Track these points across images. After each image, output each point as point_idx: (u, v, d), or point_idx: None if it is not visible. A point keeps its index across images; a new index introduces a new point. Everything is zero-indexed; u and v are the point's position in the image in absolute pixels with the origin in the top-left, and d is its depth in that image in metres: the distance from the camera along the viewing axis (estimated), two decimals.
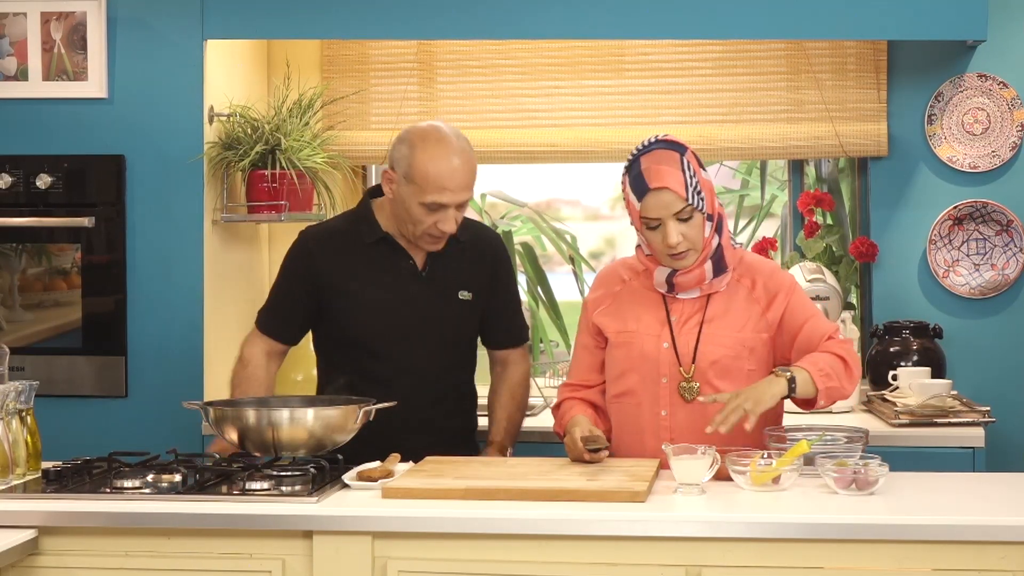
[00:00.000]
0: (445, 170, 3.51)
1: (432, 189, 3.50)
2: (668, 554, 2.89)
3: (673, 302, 3.46)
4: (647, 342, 3.44)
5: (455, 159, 3.53)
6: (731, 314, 3.44)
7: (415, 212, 3.54)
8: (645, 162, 3.34)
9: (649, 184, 3.31)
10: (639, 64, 4.82)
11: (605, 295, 3.55)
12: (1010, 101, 4.61)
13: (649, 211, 3.33)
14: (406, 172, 3.54)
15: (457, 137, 3.58)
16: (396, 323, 3.62)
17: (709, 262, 3.40)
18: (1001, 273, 4.62)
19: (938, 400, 4.13)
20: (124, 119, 4.41)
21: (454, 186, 3.52)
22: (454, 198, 3.53)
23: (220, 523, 3.00)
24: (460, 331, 3.72)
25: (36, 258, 4.45)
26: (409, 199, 3.54)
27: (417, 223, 3.55)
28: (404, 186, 3.54)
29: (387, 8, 4.33)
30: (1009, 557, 2.82)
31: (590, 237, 6.56)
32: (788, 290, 3.46)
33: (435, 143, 3.54)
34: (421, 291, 3.65)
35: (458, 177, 3.52)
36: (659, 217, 3.32)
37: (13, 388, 3.26)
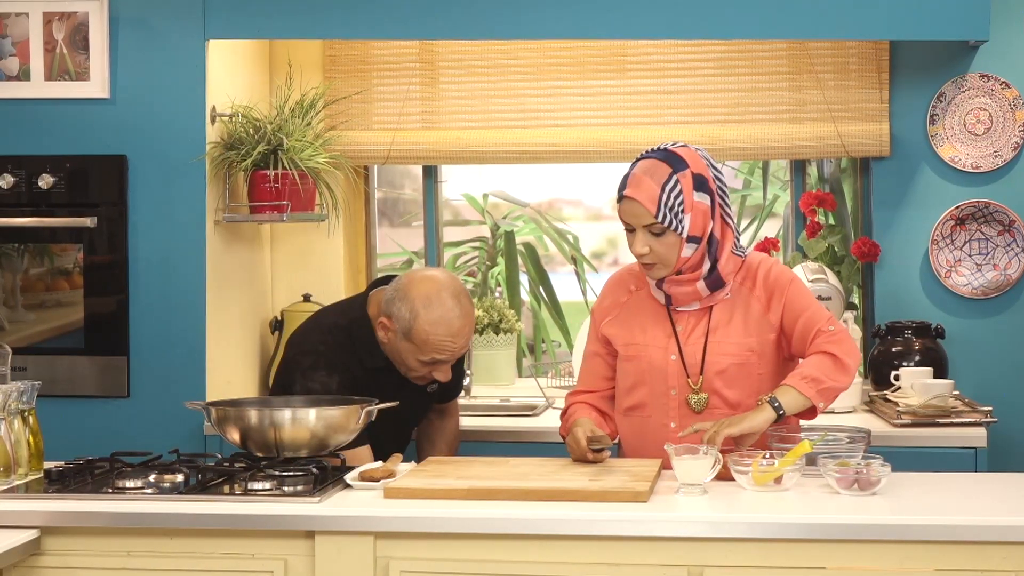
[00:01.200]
0: (446, 334, 3.55)
1: (432, 351, 3.56)
2: (670, 554, 2.89)
3: (677, 313, 3.46)
4: (655, 354, 3.44)
5: (456, 323, 3.55)
6: (735, 320, 3.43)
7: (411, 364, 3.60)
8: (637, 167, 3.35)
9: (625, 191, 3.33)
10: (641, 64, 4.82)
11: (612, 305, 3.55)
12: (1012, 101, 4.61)
13: (623, 215, 3.36)
14: (406, 331, 3.56)
15: (457, 296, 3.57)
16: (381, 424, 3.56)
17: (702, 282, 3.39)
18: (1003, 273, 4.62)
19: (940, 400, 4.13)
20: (126, 119, 4.41)
21: (454, 348, 3.58)
22: (453, 356, 3.60)
23: (222, 523, 3.00)
24: (420, 415, 3.88)
25: (38, 258, 4.45)
26: (406, 354, 3.59)
27: (411, 370, 3.62)
28: (402, 342, 3.58)
29: (389, 8, 4.33)
30: (1011, 557, 2.82)
31: (592, 237, 6.56)
32: (784, 286, 3.44)
33: (437, 307, 3.54)
34: (404, 394, 3.64)
35: (458, 340, 3.57)
36: (631, 223, 3.34)
37: (15, 388, 3.27)
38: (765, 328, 3.42)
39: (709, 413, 3.37)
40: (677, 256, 3.33)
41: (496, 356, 4.96)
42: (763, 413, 3.24)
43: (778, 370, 3.42)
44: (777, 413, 3.25)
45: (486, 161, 4.90)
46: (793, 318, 3.41)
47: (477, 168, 5.57)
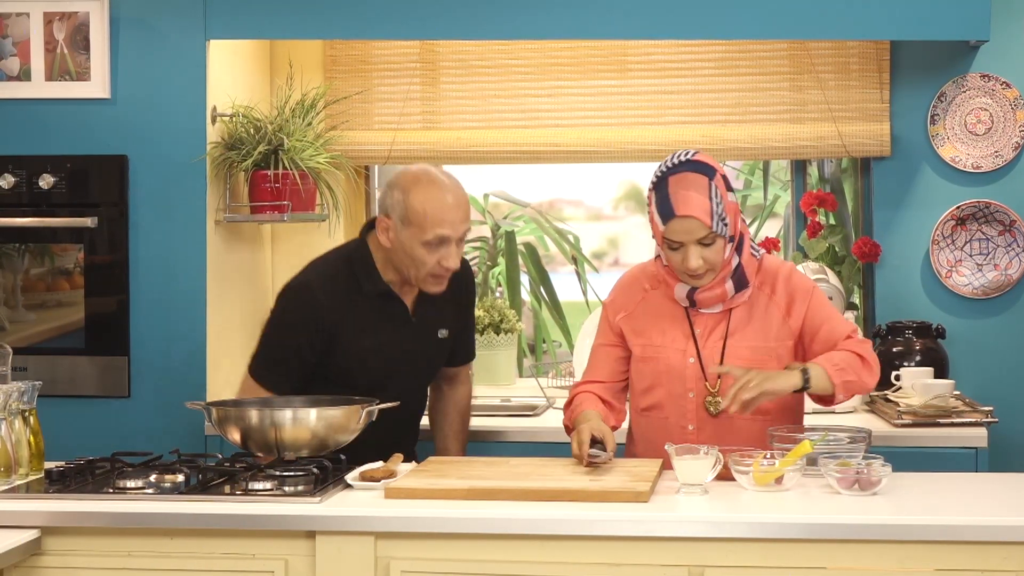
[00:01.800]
0: (442, 205, 3.54)
1: (432, 225, 3.53)
2: (671, 554, 2.89)
3: (696, 315, 3.46)
4: (673, 356, 3.44)
5: (449, 195, 3.56)
6: (754, 323, 3.44)
7: (418, 254, 3.55)
8: (673, 185, 3.32)
9: (676, 211, 3.30)
10: (642, 64, 4.82)
11: (627, 302, 3.55)
12: (1013, 101, 4.61)
13: (673, 235, 3.33)
14: (403, 215, 3.55)
15: (446, 175, 3.61)
16: (382, 365, 3.64)
17: (730, 281, 3.40)
18: (1004, 273, 4.62)
19: (941, 400, 4.13)
20: (127, 119, 4.41)
21: (453, 219, 3.54)
22: (455, 231, 3.55)
23: (223, 523, 3.00)
24: (434, 366, 3.82)
25: (39, 258, 4.46)
26: (410, 241, 3.55)
27: (421, 265, 3.57)
28: (403, 230, 3.56)
29: (390, 8, 4.33)
30: (1012, 557, 2.82)
31: (593, 237, 6.57)
32: (806, 293, 3.46)
33: (427, 183, 3.56)
34: (408, 334, 3.67)
35: (455, 210, 3.55)
36: (682, 241, 3.33)
37: (16, 388, 3.26)
38: (784, 333, 3.43)
39: (727, 416, 3.37)
40: (723, 259, 3.37)
41: (497, 356, 4.96)
42: (791, 378, 3.27)
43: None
44: (804, 383, 3.28)
45: (487, 161, 4.91)
46: (815, 326, 3.43)
47: (478, 168, 5.57)
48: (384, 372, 3.65)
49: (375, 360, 3.64)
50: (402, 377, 3.69)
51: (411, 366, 3.71)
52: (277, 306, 3.71)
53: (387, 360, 3.65)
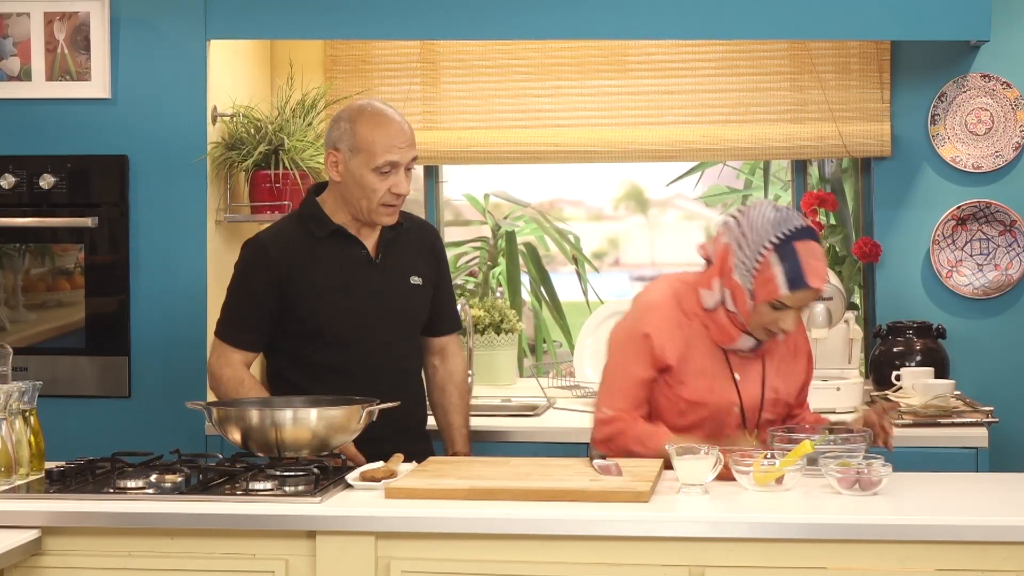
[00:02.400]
0: (390, 131, 3.60)
1: (381, 149, 3.58)
2: (671, 554, 2.89)
3: (732, 355, 3.47)
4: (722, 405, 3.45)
5: (395, 121, 3.63)
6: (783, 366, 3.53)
7: (369, 181, 3.59)
8: (803, 252, 3.31)
9: (809, 282, 3.31)
10: (643, 64, 4.82)
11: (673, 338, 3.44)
12: (1013, 101, 4.61)
13: (790, 301, 3.33)
14: (352, 144, 3.60)
15: (387, 104, 3.69)
16: (354, 308, 3.65)
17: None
18: (1004, 273, 4.62)
19: (941, 400, 4.13)
20: (127, 119, 4.41)
21: (402, 143, 3.60)
22: (404, 156, 3.61)
23: (223, 523, 3.00)
24: (414, 316, 3.78)
25: (39, 258, 4.46)
26: (360, 169, 3.60)
27: (372, 194, 3.60)
28: (353, 159, 3.60)
29: (391, 8, 4.33)
30: (1012, 557, 2.82)
31: (593, 237, 6.57)
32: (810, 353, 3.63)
33: (372, 112, 3.63)
34: (375, 277, 3.69)
35: (402, 134, 3.62)
36: (791, 306, 3.35)
37: (16, 388, 3.26)
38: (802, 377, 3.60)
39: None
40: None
41: (497, 356, 4.96)
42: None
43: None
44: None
45: (487, 161, 4.91)
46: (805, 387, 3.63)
47: (478, 168, 5.57)
48: (356, 316, 3.64)
49: (342, 302, 3.64)
50: (380, 322, 3.67)
51: (386, 310, 3.69)
52: (235, 270, 3.76)
53: (356, 303, 3.64)
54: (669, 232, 6.67)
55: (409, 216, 3.84)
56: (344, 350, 3.63)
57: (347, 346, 3.64)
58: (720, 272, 3.39)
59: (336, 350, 3.63)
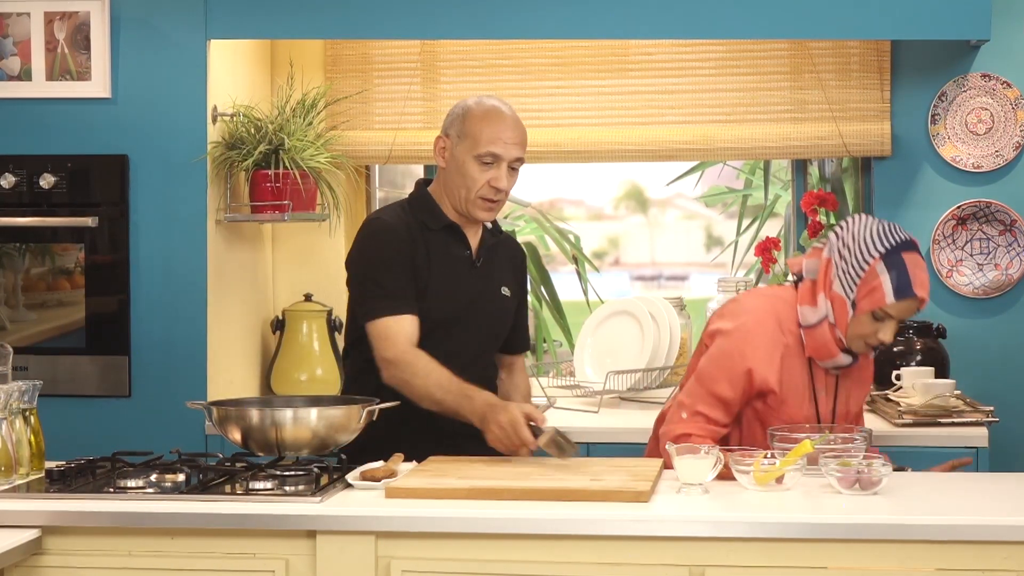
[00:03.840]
0: (499, 123, 3.60)
1: (487, 140, 3.58)
2: (671, 554, 2.89)
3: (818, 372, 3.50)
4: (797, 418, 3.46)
5: (508, 116, 3.64)
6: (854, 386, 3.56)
7: (470, 170, 3.59)
8: (911, 264, 3.34)
9: (916, 292, 3.34)
10: (642, 64, 4.82)
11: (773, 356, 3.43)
12: (1014, 101, 4.61)
13: (896, 311, 3.35)
14: (460, 130, 3.62)
15: (506, 103, 3.69)
16: (452, 311, 3.63)
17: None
18: (1004, 273, 4.62)
19: (941, 400, 4.13)
20: (127, 119, 4.41)
21: (507, 137, 3.60)
22: (507, 151, 3.59)
23: (224, 523, 3.00)
24: (501, 325, 3.78)
25: (39, 258, 4.46)
26: (464, 156, 3.60)
27: (471, 183, 3.59)
28: (458, 144, 3.61)
29: (390, 8, 4.33)
30: (1012, 557, 2.82)
31: (593, 237, 6.58)
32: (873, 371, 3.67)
33: (488, 104, 3.65)
34: (475, 281, 3.69)
35: (511, 130, 3.62)
36: (895, 316, 3.36)
37: (16, 388, 3.27)
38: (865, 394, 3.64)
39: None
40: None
41: None
42: None
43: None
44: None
45: None
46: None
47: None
48: (456, 315, 3.63)
49: (442, 302, 3.61)
50: (472, 326, 3.66)
51: (475, 316, 3.67)
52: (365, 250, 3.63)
53: (458, 302, 3.64)
54: (669, 232, 6.67)
55: (502, 231, 3.86)
56: (436, 349, 3.55)
57: (440, 345, 3.57)
58: (823, 286, 3.40)
59: (429, 348, 3.55)
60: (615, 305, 4.92)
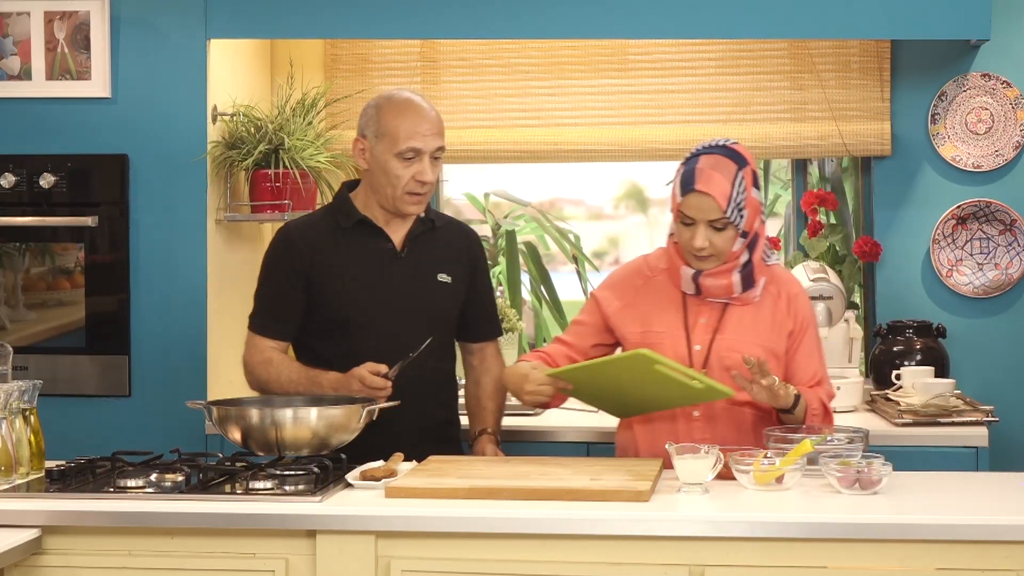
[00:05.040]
0: (415, 118, 3.61)
1: (405, 136, 3.59)
2: (671, 553, 2.89)
3: (692, 305, 3.48)
4: (678, 344, 3.44)
5: (422, 108, 3.64)
6: (758, 324, 3.46)
7: (392, 168, 3.60)
8: (702, 162, 3.37)
9: (695, 185, 3.34)
10: (643, 63, 4.82)
11: (625, 291, 3.55)
12: (1014, 100, 4.61)
13: (687, 209, 3.37)
14: (376, 130, 3.63)
15: (418, 94, 3.70)
16: (378, 303, 3.64)
17: (738, 275, 3.43)
18: (1004, 272, 4.62)
19: (941, 399, 4.13)
20: (127, 118, 4.41)
21: (426, 130, 3.61)
22: (427, 143, 3.61)
23: (224, 522, 3.00)
24: (442, 312, 3.75)
25: (39, 257, 4.46)
26: (384, 155, 3.61)
27: (396, 180, 3.61)
28: (377, 144, 3.62)
29: (391, 7, 4.33)
30: (1012, 557, 2.82)
31: (593, 236, 6.57)
32: (807, 321, 3.51)
33: (400, 99, 3.66)
34: (401, 270, 3.68)
35: (427, 121, 3.62)
36: (694, 218, 3.36)
37: (16, 387, 3.26)
38: (778, 347, 3.47)
39: (704, 406, 3.40)
40: (730, 249, 3.39)
41: None
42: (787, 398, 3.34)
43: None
44: (793, 408, 3.36)
45: (488, 160, 4.91)
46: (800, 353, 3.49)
47: (478, 167, 5.57)
48: (379, 308, 3.64)
49: (365, 294, 3.64)
50: (402, 317, 3.65)
51: (409, 304, 3.67)
52: (264, 258, 3.78)
53: (379, 295, 3.65)
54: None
55: (445, 217, 3.86)
56: (366, 343, 3.59)
57: (369, 339, 3.61)
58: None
59: (359, 343, 3.60)
60: None
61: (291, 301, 3.68)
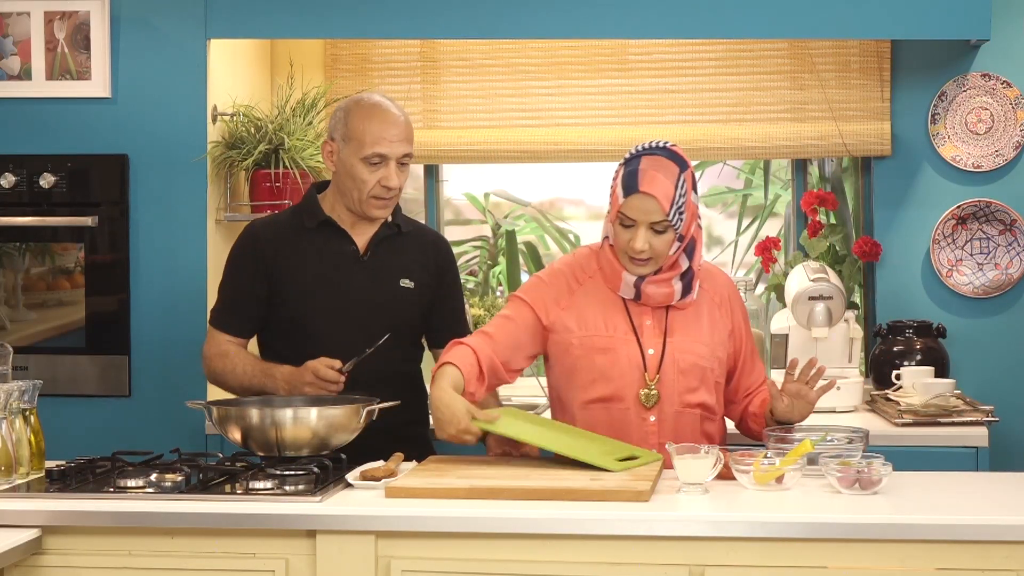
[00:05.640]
0: (382, 123, 3.61)
1: (371, 141, 3.59)
2: (672, 553, 2.89)
3: (635, 307, 3.45)
4: (631, 347, 3.42)
5: (390, 113, 3.64)
6: (701, 326, 3.46)
7: (358, 172, 3.60)
8: (645, 163, 3.34)
9: (639, 186, 3.32)
10: (643, 63, 4.82)
11: (558, 297, 3.49)
12: (1014, 100, 4.61)
13: (629, 211, 3.34)
14: (344, 133, 3.63)
15: (390, 99, 3.70)
16: (339, 305, 3.65)
17: (679, 283, 3.42)
18: (1004, 272, 4.62)
19: (941, 400, 4.13)
20: (127, 118, 4.41)
21: (392, 136, 3.61)
22: (393, 149, 3.60)
23: (224, 523, 3.00)
24: (402, 317, 3.72)
25: (39, 257, 4.46)
26: (351, 159, 3.61)
27: (361, 184, 3.61)
28: (344, 148, 3.63)
29: (391, 7, 4.33)
30: (1013, 557, 2.82)
31: (593, 236, 6.56)
32: (745, 316, 3.55)
33: (369, 103, 3.65)
34: (362, 274, 3.68)
35: (394, 128, 3.62)
36: (635, 220, 3.33)
37: (16, 387, 3.26)
38: (720, 346, 3.48)
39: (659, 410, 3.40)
40: (668, 253, 3.37)
41: None
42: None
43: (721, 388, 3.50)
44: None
45: (488, 160, 4.91)
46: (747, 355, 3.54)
47: (478, 167, 5.57)
48: (338, 310, 3.64)
49: (325, 297, 3.64)
50: (362, 320, 3.64)
51: (369, 307, 3.66)
52: (229, 253, 3.80)
53: (338, 297, 3.64)
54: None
55: (414, 223, 3.85)
56: (325, 344, 3.59)
57: (332, 342, 3.60)
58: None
59: (318, 344, 3.60)
60: None
61: (252, 298, 3.70)
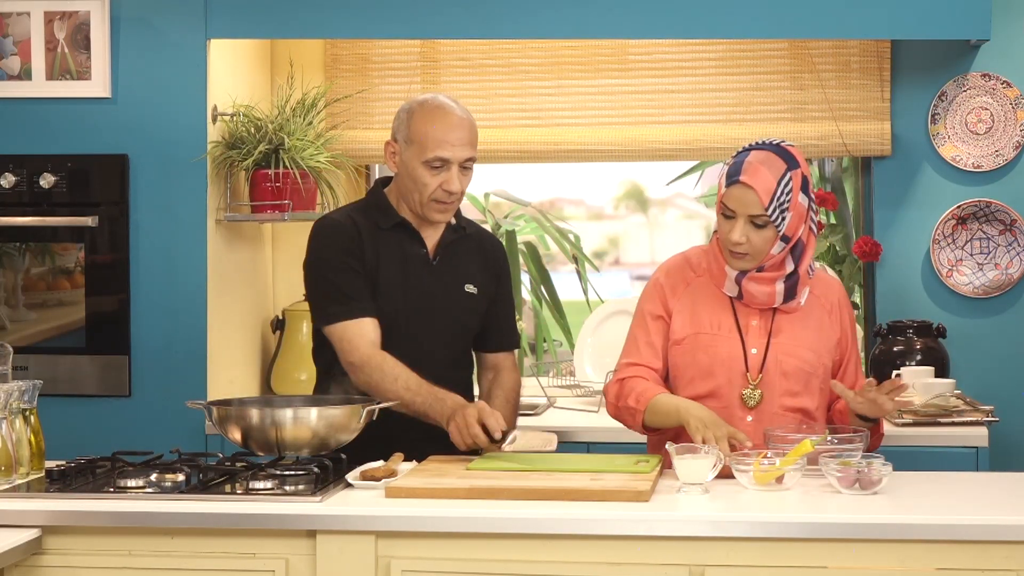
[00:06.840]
0: (445, 126, 3.55)
1: (433, 144, 3.54)
2: (672, 553, 2.89)
3: (741, 307, 3.44)
4: (733, 345, 3.41)
5: (453, 115, 3.58)
6: (809, 331, 3.44)
7: (420, 175, 3.55)
8: (752, 156, 3.34)
9: (740, 176, 3.31)
10: (643, 63, 4.82)
11: (676, 285, 3.49)
12: (1014, 100, 4.61)
13: (729, 201, 3.33)
14: (407, 136, 3.58)
15: (455, 101, 3.63)
16: (407, 307, 3.59)
17: (782, 285, 3.39)
18: (1004, 272, 4.62)
19: (941, 400, 4.13)
20: (128, 118, 4.41)
21: (455, 140, 3.55)
22: (455, 153, 3.55)
23: (224, 522, 3.00)
24: (465, 323, 3.71)
25: (40, 257, 4.46)
26: (412, 161, 3.56)
27: (423, 187, 3.56)
28: (406, 150, 3.58)
29: (391, 7, 4.33)
30: (1013, 557, 2.82)
31: (593, 236, 6.56)
32: (853, 324, 3.54)
33: (433, 105, 3.59)
34: (431, 278, 3.64)
35: (458, 131, 3.56)
36: (735, 211, 3.33)
37: (16, 387, 3.26)
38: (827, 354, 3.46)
39: (759, 411, 3.38)
40: (767, 251, 3.35)
41: None
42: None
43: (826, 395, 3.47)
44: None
45: (488, 160, 4.90)
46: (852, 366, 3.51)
47: (478, 167, 5.54)
48: (408, 314, 3.58)
49: (399, 298, 3.59)
50: (429, 324, 3.61)
51: (435, 314, 3.62)
52: (315, 251, 3.63)
53: (410, 301, 3.60)
54: (669, 231, 6.66)
55: (475, 225, 3.82)
56: (392, 347, 3.53)
57: (397, 344, 3.55)
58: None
59: (386, 347, 3.53)
60: (615, 305, 4.92)
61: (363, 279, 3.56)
